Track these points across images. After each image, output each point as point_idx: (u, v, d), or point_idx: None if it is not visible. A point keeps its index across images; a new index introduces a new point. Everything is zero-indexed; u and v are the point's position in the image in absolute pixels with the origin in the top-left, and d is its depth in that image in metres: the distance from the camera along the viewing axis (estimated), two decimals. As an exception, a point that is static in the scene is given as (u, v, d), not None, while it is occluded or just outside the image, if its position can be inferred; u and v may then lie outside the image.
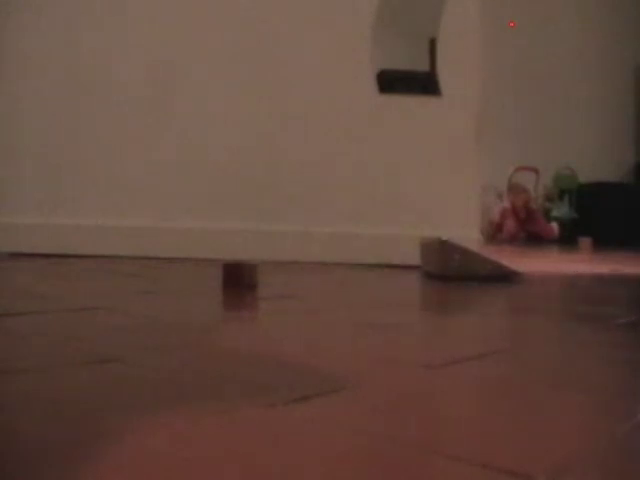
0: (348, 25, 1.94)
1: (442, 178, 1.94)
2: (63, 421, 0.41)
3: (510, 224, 4.20)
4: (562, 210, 4.51)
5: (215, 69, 1.95)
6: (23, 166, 1.94)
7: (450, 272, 1.47)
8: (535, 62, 4.72)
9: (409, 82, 1.94)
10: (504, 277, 1.50)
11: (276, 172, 1.94)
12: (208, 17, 1.95)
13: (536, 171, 4.43)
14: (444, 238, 1.51)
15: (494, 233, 4.22)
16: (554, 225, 4.34)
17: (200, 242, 1.91)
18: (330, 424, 0.42)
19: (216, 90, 1.95)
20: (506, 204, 4.27)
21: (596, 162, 4.79)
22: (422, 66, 1.95)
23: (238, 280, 1.18)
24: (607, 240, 4.10)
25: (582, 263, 2.34)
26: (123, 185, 1.95)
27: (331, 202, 1.94)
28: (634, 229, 4.24)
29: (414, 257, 1.84)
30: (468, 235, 1.89)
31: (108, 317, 0.81)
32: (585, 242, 3.78)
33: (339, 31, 1.94)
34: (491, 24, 4.21)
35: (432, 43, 1.93)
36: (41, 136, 1.95)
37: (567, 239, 4.27)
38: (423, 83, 1.93)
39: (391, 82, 1.93)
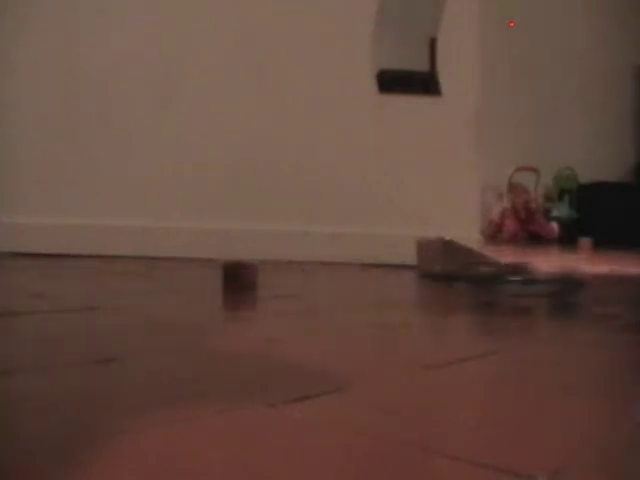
0: (348, 25, 1.94)
1: (442, 178, 1.94)
2: (63, 421, 0.41)
3: (510, 224, 4.20)
4: (562, 210, 4.51)
5: (215, 69, 1.95)
6: (23, 166, 1.94)
7: (453, 272, 1.47)
8: (535, 62, 4.72)
9: (409, 82, 1.94)
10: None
11: (276, 172, 1.94)
12: (208, 17, 1.95)
13: (536, 171, 4.43)
14: (447, 238, 1.51)
15: (494, 233, 4.22)
16: (554, 225, 4.34)
17: (200, 242, 1.91)
18: (330, 424, 0.42)
19: (216, 89, 1.95)
20: (506, 204, 4.28)
21: (596, 162, 4.80)
22: (422, 66, 1.95)
23: (238, 280, 1.18)
24: (607, 240, 4.10)
25: (582, 263, 2.34)
26: (123, 185, 1.95)
27: (331, 202, 1.94)
28: (634, 229, 4.24)
29: (414, 257, 1.84)
30: (468, 235, 1.89)
31: (108, 317, 0.81)
32: (585, 242, 3.78)
33: (339, 31, 1.94)
34: (491, 24, 4.21)
35: (432, 43, 1.93)
36: (41, 136, 1.95)
37: (567, 239, 4.27)
38: (423, 83, 1.93)
39: (391, 82, 1.93)
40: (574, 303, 1.12)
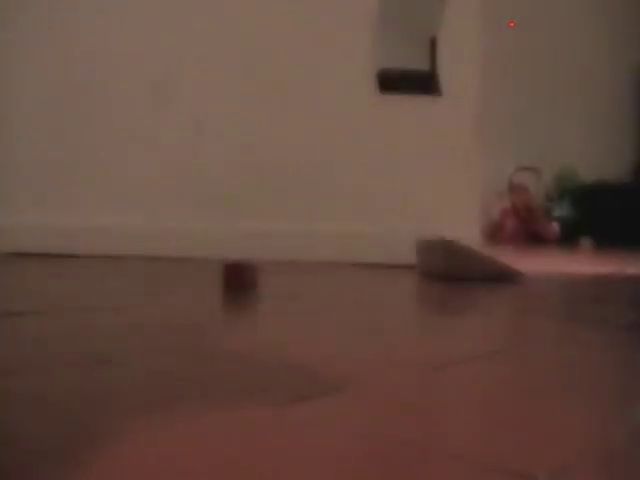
0: (348, 25, 1.94)
1: (442, 178, 1.94)
2: (62, 421, 0.41)
3: (511, 224, 4.20)
4: (563, 210, 4.51)
5: (215, 69, 1.95)
6: (23, 166, 1.94)
7: (454, 272, 1.47)
8: (535, 62, 4.72)
9: (409, 82, 1.94)
10: (506, 277, 1.49)
11: (276, 172, 1.94)
12: (208, 17, 1.95)
13: (536, 171, 4.43)
14: (447, 238, 1.51)
15: (495, 233, 4.21)
16: (555, 225, 4.34)
17: (200, 242, 1.91)
18: (330, 424, 0.42)
19: (216, 89, 1.95)
20: (507, 204, 4.27)
21: (596, 162, 4.79)
22: (422, 66, 1.95)
23: (238, 280, 1.18)
24: (607, 240, 4.10)
25: (582, 263, 2.34)
26: (123, 185, 1.95)
27: (331, 202, 1.94)
28: (634, 229, 4.24)
29: (414, 257, 1.84)
30: (468, 235, 1.89)
31: (108, 317, 0.81)
32: (586, 242, 3.78)
33: (339, 31, 1.94)
34: (491, 24, 4.21)
35: (432, 43, 1.93)
36: (41, 136, 1.95)
37: (568, 239, 4.27)
38: (423, 83, 1.93)
39: (391, 82, 1.93)
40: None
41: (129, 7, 1.95)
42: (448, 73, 1.93)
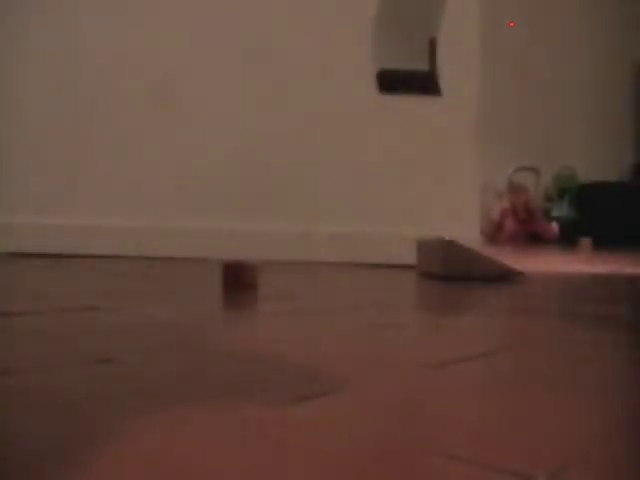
0: (348, 25, 1.94)
1: (442, 178, 1.94)
2: (62, 422, 0.41)
3: (510, 224, 4.20)
4: (562, 210, 4.51)
5: (215, 68, 1.95)
6: (23, 166, 1.94)
7: (454, 272, 1.47)
8: (535, 62, 4.72)
9: (409, 82, 1.94)
10: (506, 277, 1.49)
11: (276, 172, 1.94)
12: (208, 18, 1.95)
13: (536, 171, 4.43)
14: (447, 238, 1.51)
15: (494, 233, 4.21)
16: (554, 225, 4.34)
17: (200, 242, 1.91)
18: (330, 424, 0.42)
19: (216, 89, 1.95)
20: (506, 204, 4.27)
21: (596, 162, 4.79)
22: (422, 66, 1.95)
23: (238, 280, 1.18)
24: (607, 240, 4.09)
25: (582, 263, 2.34)
26: (123, 185, 1.95)
27: (331, 202, 1.94)
28: (634, 229, 4.23)
29: (414, 257, 1.84)
30: (468, 235, 1.89)
31: (108, 317, 0.81)
32: (585, 242, 3.78)
33: (339, 31, 1.94)
34: (491, 24, 4.21)
35: (432, 43, 1.93)
36: (40, 137, 1.95)
37: (567, 239, 4.27)
38: (423, 83, 1.93)
39: (391, 82, 1.93)
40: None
41: (129, 7, 1.95)
42: (448, 73, 1.94)
